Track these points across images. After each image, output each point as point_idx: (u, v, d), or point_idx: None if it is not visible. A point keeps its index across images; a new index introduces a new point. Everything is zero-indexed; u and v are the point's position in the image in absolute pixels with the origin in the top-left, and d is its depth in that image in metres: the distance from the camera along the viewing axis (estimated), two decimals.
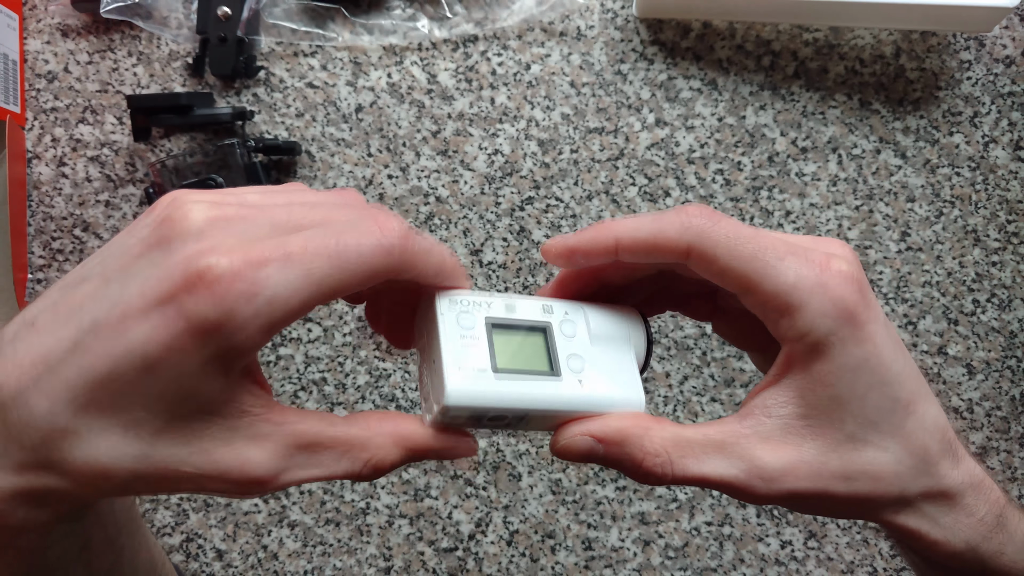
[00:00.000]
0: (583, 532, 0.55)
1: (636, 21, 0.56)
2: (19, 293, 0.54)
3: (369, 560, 0.56)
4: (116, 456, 0.21)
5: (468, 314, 0.27)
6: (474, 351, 0.26)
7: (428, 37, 0.56)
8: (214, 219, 0.22)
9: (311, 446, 0.24)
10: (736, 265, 0.25)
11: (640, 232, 0.26)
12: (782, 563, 0.55)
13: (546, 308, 0.28)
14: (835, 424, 0.25)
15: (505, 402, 0.26)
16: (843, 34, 0.56)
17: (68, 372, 0.21)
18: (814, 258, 0.25)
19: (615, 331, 0.29)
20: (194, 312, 0.20)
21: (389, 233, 0.23)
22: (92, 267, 0.23)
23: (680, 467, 0.26)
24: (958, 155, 0.56)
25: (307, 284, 0.22)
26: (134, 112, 0.53)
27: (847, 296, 0.25)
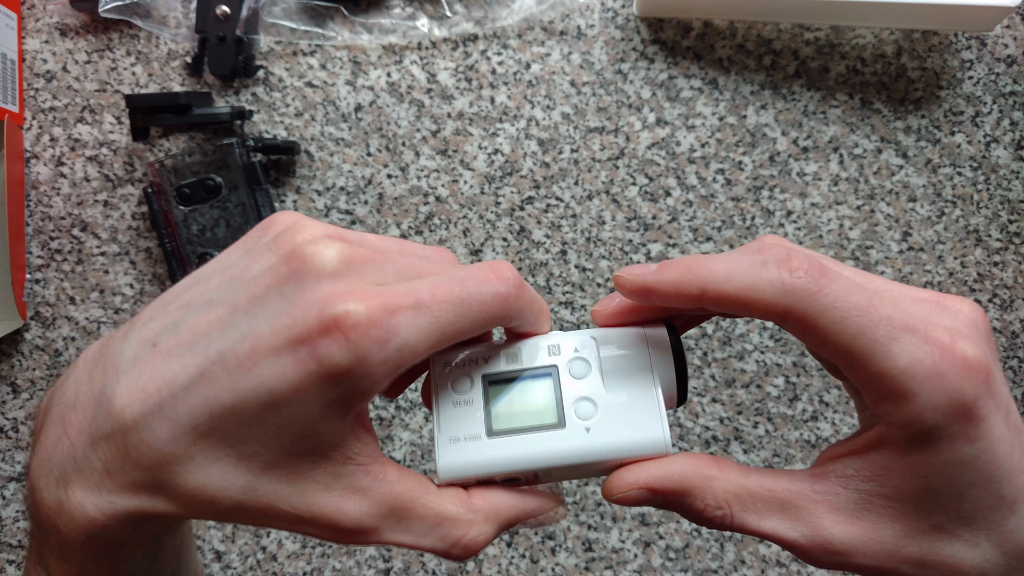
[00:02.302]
0: (583, 533, 0.55)
1: (637, 20, 0.56)
2: (17, 293, 0.54)
3: (368, 561, 0.55)
4: (224, 486, 0.22)
5: (465, 376, 0.26)
6: (468, 417, 0.25)
7: (428, 36, 0.56)
8: (347, 260, 0.22)
9: (404, 510, 0.24)
10: (841, 341, 0.22)
11: (731, 286, 0.23)
12: (783, 564, 0.55)
13: (552, 349, 0.26)
14: (921, 514, 0.23)
15: (501, 465, 0.25)
16: (844, 33, 0.56)
17: (192, 401, 0.21)
18: (935, 336, 0.22)
19: (634, 363, 0.26)
20: (327, 356, 0.20)
21: (505, 283, 0.23)
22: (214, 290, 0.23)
23: (739, 520, 0.24)
24: (959, 155, 0.56)
25: (434, 331, 0.22)
26: (133, 112, 0.53)
27: (966, 389, 0.21)
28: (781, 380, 0.55)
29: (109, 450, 0.22)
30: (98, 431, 0.22)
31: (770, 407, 0.55)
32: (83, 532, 0.22)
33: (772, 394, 0.56)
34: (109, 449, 0.22)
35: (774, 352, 0.55)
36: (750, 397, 0.55)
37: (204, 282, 0.24)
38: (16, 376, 0.56)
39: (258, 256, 0.23)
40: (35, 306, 0.56)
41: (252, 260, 0.23)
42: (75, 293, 0.56)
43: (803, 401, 0.55)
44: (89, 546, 0.23)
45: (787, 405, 0.56)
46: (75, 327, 0.56)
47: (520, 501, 0.26)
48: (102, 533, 0.22)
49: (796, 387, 0.55)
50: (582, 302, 0.56)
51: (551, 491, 0.27)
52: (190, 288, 0.24)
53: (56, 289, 0.56)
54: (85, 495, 0.22)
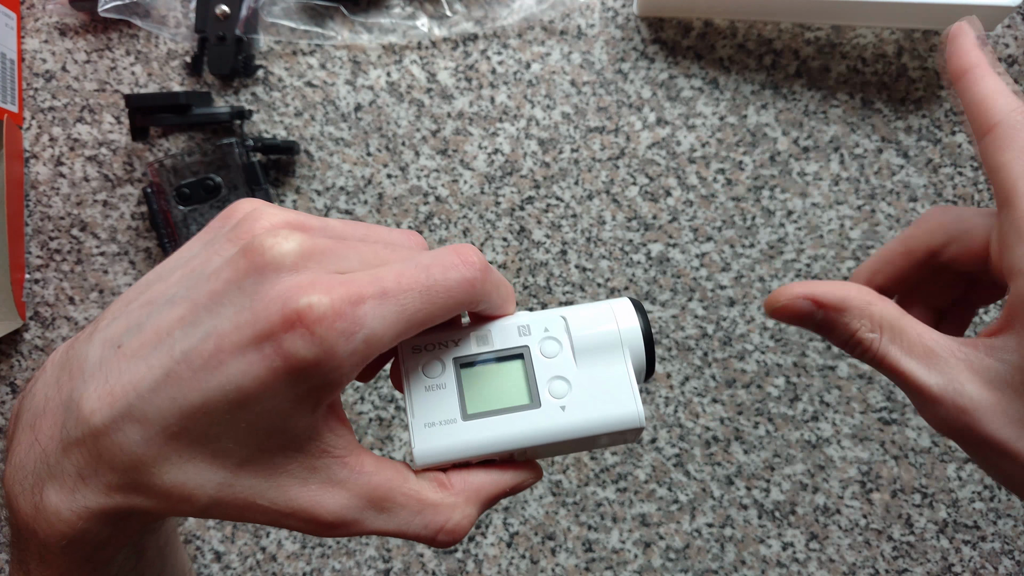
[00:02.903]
0: (583, 534, 0.55)
1: (637, 20, 0.56)
2: (16, 293, 0.54)
3: (368, 562, 0.55)
4: (200, 483, 0.22)
5: (436, 360, 0.26)
6: (441, 401, 0.25)
7: (428, 36, 0.56)
8: (307, 251, 0.22)
9: (384, 500, 0.24)
10: None
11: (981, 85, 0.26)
12: (783, 565, 0.55)
13: (522, 329, 0.26)
14: None
15: (479, 448, 0.25)
16: (845, 33, 0.56)
17: (160, 402, 0.21)
18: None
19: (604, 339, 0.26)
20: (292, 351, 0.20)
21: (471, 267, 0.23)
22: (175, 286, 0.23)
23: (884, 349, 0.25)
24: (960, 154, 0.56)
25: (401, 319, 0.22)
26: (132, 111, 0.53)
27: None
28: (782, 380, 0.55)
29: (81, 455, 0.22)
30: (68, 437, 0.22)
31: (771, 407, 0.55)
32: (62, 536, 0.22)
33: (773, 394, 0.55)
34: (81, 454, 0.22)
35: (775, 352, 0.55)
36: (750, 397, 0.55)
37: (167, 277, 0.23)
38: (15, 376, 0.56)
39: (218, 248, 0.23)
40: (34, 306, 0.56)
41: (212, 252, 0.23)
42: (74, 293, 0.56)
43: (804, 401, 0.55)
44: (69, 550, 0.23)
45: (787, 405, 0.55)
46: (74, 327, 0.56)
47: (498, 477, 0.26)
48: (81, 536, 0.22)
49: (797, 387, 0.55)
50: (582, 302, 0.56)
51: None
52: (152, 284, 0.24)
53: (55, 289, 0.56)
54: (60, 500, 0.22)
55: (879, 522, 0.55)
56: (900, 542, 0.55)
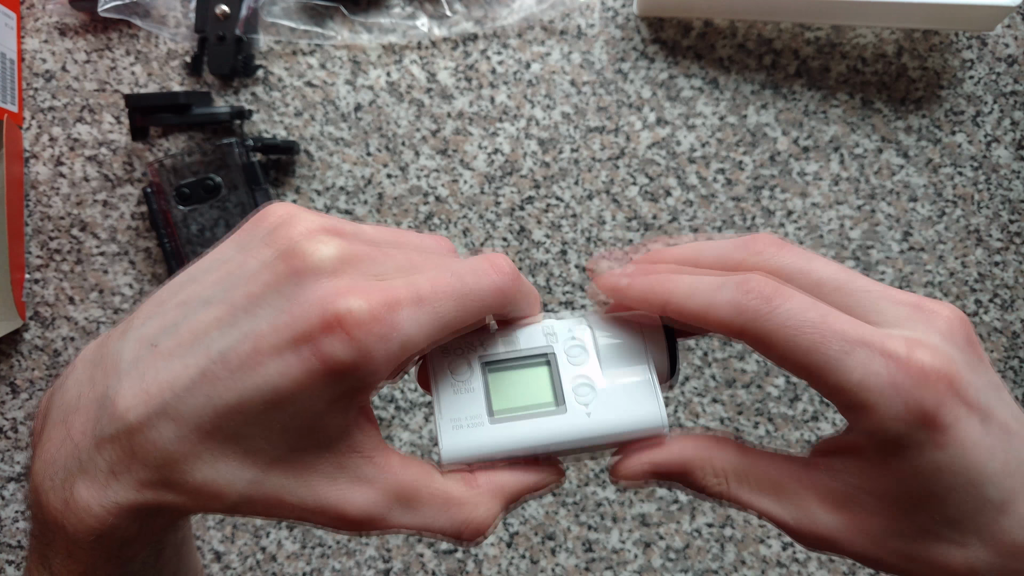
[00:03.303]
0: (583, 534, 0.55)
1: (637, 19, 0.56)
2: (16, 293, 0.54)
3: (368, 562, 0.55)
4: (231, 480, 0.22)
5: (462, 361, 0.26)
6: (468, 401, 0.25)
7: (427, 36, 0.56)
8: (345, 257, 0.22)
9: (411, 497, 0.24)
10: (795, 357, 0.23)
11: (692, 302, 0.24)
12: (784, 565, 0.55)
13: (548, 332, 0.26)
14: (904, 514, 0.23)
15: (505, 448, 0.25)
16: (845, 33, 0.56)
17: (195, 401, 0.21)
18: (891, 348, 0.22)
19: (630, 348, 0.27)
20: (330, 354, 0.21)
21: (503, 275, 0.24)
22: (210, 288, 0.23)
23: (735, 493, 0.26)
24: (960, 154, 0.56)
25: (435, 324, 0.22)
26: (132, 111, 0.53)
27: (926, 397, 0.21)
28: (782, 380, 0.55)
29: (114, 451, 0.22)
30: (102, 433, 0.22)
31: (770, 407, 0.55)
32: (91, 532, 0.22)
33: (772, 394, 0.55)
34: (114, 450, 0.22)
35: None
36: (751, 397, 0.55)
37: (201, 279, 0.24)
38: (15, 376, 0.56)
39: (254, 252, 0.23)
40: (34, 306, 0.56)
41: (248, 256, 0.23)
42: (74, 293, 0.56)
43: (803, 401, 0.55)
44: (98, 545, 0.23)
45: (787, 405, 0.55)
46: (74, 327, 0.56)
47: (522, 477, 0.26)
48: (111, 532, 0.22)
49: (796, 387, 0.55)
50: (582, 302, 0.56)
51: None
52: (186, 285, 0.24)
53: (55, 289, 0.56)
54: (92, 495, 0.22)
55: None
56: None
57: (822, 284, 0.24)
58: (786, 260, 0.25)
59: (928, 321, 0.23)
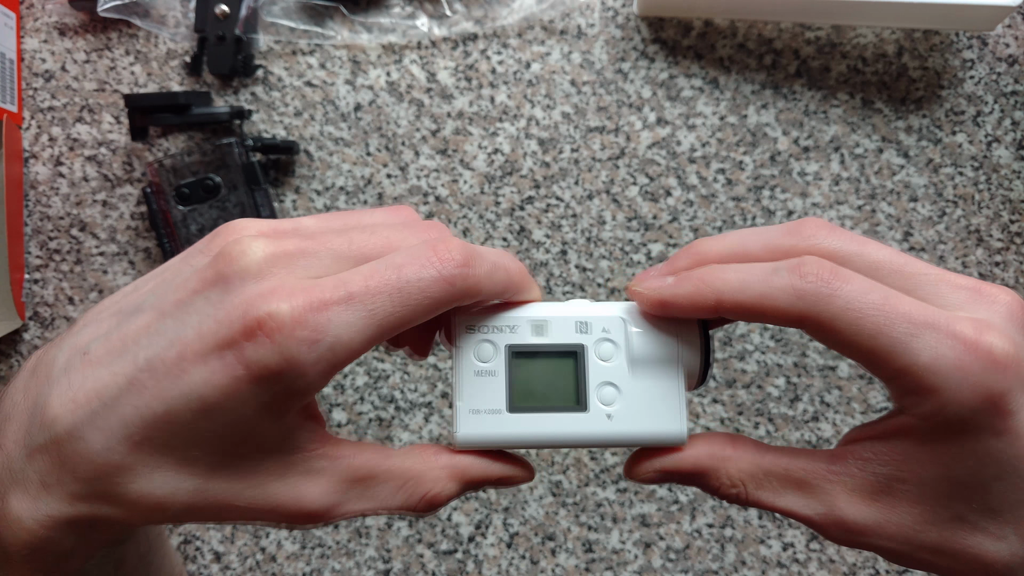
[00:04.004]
0: (583, 534, 0.55)
1: (637, 19, 0.56)
2: (16, 293, 0.54)
3: (368, 562, 0.55)
4: (171, 491, 0.21)
5: (488, 343, 0.25)
6: (489, 388, 0.25)
7: (427, 35, 0.56)
8: (273, 256, 0.21)
9: (366, 479, 0.23)
10: (859, 341, 0.22)
11: (745, 295, 0.23)
12: (784, 565, 0.55)
13: (581, 326, 0.25)
14: (941, 501, 0.23)
15: (521, 439, 0.25)
16: (845, 33, 0.56)
17: (123, 410, 0.21)
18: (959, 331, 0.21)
19: (662, 352, 0.25)
20: (254, 360, 0.20)
21: (448, 263, 0.22)
22: (146, 295, 0.23)
23: (755, 497, 0.25)
24: (961, 154, 0.56)
25: (369, 325, 0.21)
26: (132, 111, 0.53)
27: (994, 382, 0.21)
28: (782, 381, 0.55)
29: (45, 461, 0.21)
30: (33, 442, 0.21)
31: (771, 408, 0.55)
32: (24, 545, 0.22)
33: (773, 395, 0.55)
34: (45, 460, 0.21)
35: (775, 352, 0.55)
36: (751, 398, 0.55)
37: (140, 287, 0.23)
38: None
39: (191, 260, 0.23)
40: (34, 306, 0.56)
41: (185, 264, 0.23)
42: (74, 293, 0.56)
43: (804, 402, 0.55)
44: (32, 558, 0.22)
45: (788, 406, 0.55)
46: None
47: (489, 467, 0.25)
48: (44, 545, 0.22)
49: (797, 388, 0.55)
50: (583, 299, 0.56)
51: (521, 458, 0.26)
52: (128, 295, 0.24)
53: (55, 289, 0.56)
54: (22, 507, 0.21)
55: None
56: None
57: (879, 267, 0.24)
58: (840, 243, 0.24)
59: (989, 305, 0.23)
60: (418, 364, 0.55)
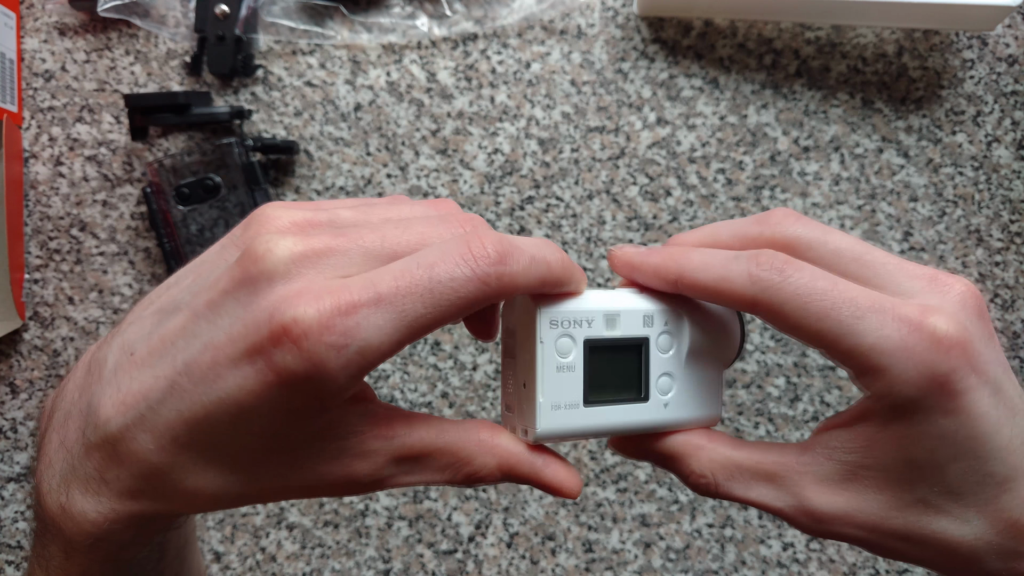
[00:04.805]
0: (584, 534, 0.55)
1: (637, 19, 0.56)
2: (16, 293, 0.54)
3: (368, 562, 0.55)
4: (223, 484, 0.22)
5: (568, 337, 0.25)
6: (568, 383, 0.25)
7: (427, 35, 0.56)
8: (301, 256, 0.21)
9: (418, 457, 0.24)
10: (807, 324, 0.23)
11: (705, 274, 0.24)
12: (784, 565, 0.55)
13: (647, 319, 0.27)
14: (905, 486, 0.23)
15: (589, 431, 0.26)
16: (845, 33, 0.56)
17: (168, 414, 0.21)
18: (904, 313, 0.22)
19: (708, 341, 0.27)
20: (283, 366, 0.20)
21: (482, 261, 0.21)
22: (183, 292, 0.23)
23: (725, 488, 0.26)
24: (961, 154, 0.56)
25: (400, 327, 0.21)
26: (132, 111, 0.53)
27: (939, 362, 0.22)
28: (782, 380, 0.55)
29: (101, 459, 0.22)
30: (89, 440, 0.22)
31: (771, 407, 0.55)
32: (88, 536, 0.22)
33: (773, 394, 0.55)
34: (101, 458, 0.22)
35: (775, 352, 0.55)
36: (751, 398, 0.55)
37: (180, 282, 0.24)
38: (15, 376, 0.56)
39: (225, 253, 0.23)
40: (34, 306, 0.56)
41: (219, 257, 0.23)
42: (74, 293, 0.56)
43: (804, 402, 0.55)
44: (94, 548, 0.23)
45: (788, 406, 0.55)
46: (74, 327, 0.56)
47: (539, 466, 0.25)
48: (107, 536, 0.22)
49: (797, 387, 0.55)
50: None
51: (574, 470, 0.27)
52: (170, 287, 0.24)
53: (55, 289, 0.56)
54: (86, 501, 0.22)
55: None
56: None
57: (840, 254, 0.25)
58: (803, 231, 0.25)
59: (943, 292, 0.23)
60: (418, 364, 0.55)
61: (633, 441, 0.28)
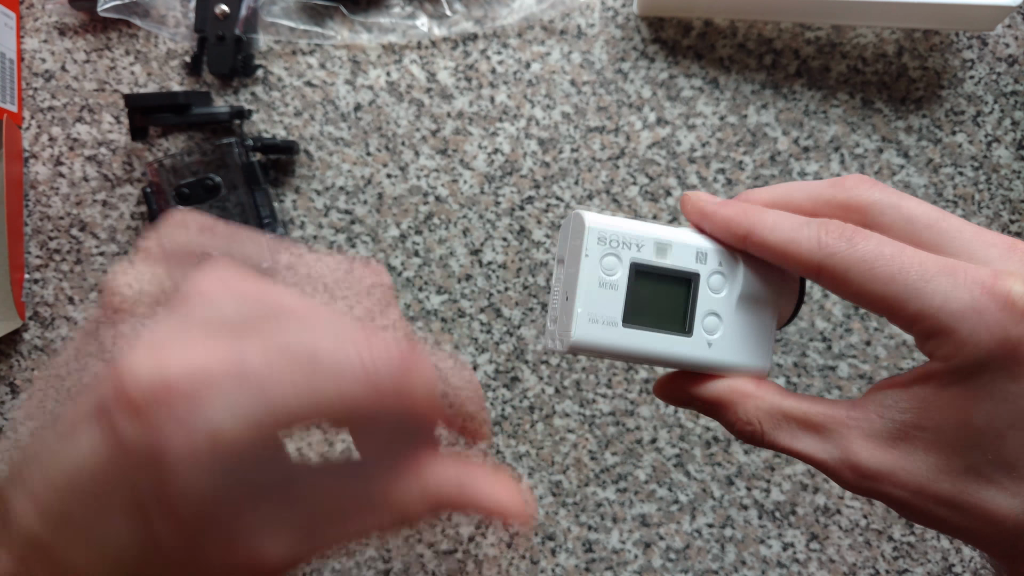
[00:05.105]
0: (583, 534, 0.55)
1: (637, 19, 0.56)
2: (16, 293, 0.54)
3: (368, 562, 0.55)
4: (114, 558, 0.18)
5: (614, 255, 0.26)
6: (609, 300, 0.26)
7: (427, 35, 0.56)
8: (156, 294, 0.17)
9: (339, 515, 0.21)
10: (873, 289, 0.23)
11: (774, 235, 0.24)
12: (784, 565, 0.55)
13: (700, 255, 0.27)
14: (957, 451, 0.23)
15: (626, 353, 0.26)
16: (845, 33, 0.56)
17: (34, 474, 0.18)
18: (976, 276, 0.22)
19: (764, 293, 0.27)
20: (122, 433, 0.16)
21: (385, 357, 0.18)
22: None
23: (771, 437, 0.25)
24: (961, 154, 0.56)
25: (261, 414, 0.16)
26: (131, 111, 0.53)
27: (1011, 326, 0.21)
28: (782, 380, 0.55)
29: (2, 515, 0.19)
30: None
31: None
32: None
33: None
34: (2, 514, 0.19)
35: (775, 352, 0.55)
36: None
37: None
38: (15, 376, 0.56)
39: None
40: (34, 306, 0.56)
41: None
42: (74, 293, 0.56)
43: None
44: None
45: None
46: (74, 327, 0.56)
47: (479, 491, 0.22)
48: None
49: (797, 387, 0.55)
50: None
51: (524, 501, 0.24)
52: None
53: (55, 289, 0.56)
54: None
55: (879, 522, 0.55)
56: (900, 542, 0.55)
57: (914, 221, 0.24)
58: (878, 195, 0.25)
59: (1022, 259, 0.23)
60: None
61: (677, 385, 0.27)
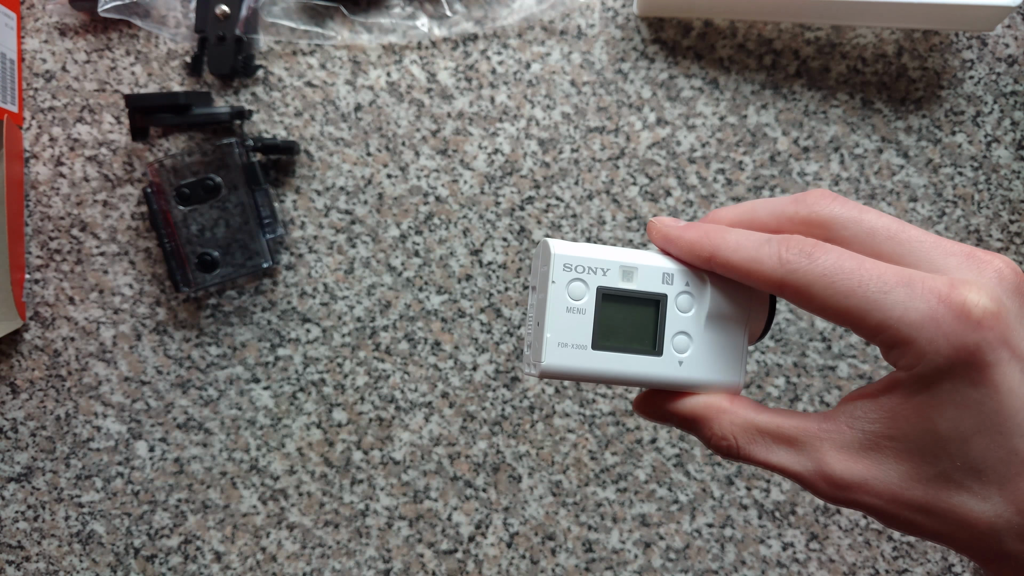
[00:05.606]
0: (584, 534, 0.55)
1: (637, 20, 0.56)
2: (16, 293, 0.54)
3: (368, 562, 0.55)
4: None
5: (581, 281, 0.27)
6: (578, 325, 0.26)
7: (427, 36, 0.56)
8: None
9: None
10: (835, 302, 0.23)
11: (738, 255, 0.25)
12: (784, 565, 0.55)
13: (667, 277, 0.27)
14: (927, 458, 0.23)
15: (598, 375, 0.27)
16: (845, 33, 0.56)
17: None
18: (933, 286, 0.22)
19: (733, 311, 0.28)
20: None
21: None
22: None
23: (746, 451, 0.26)
24: (960, 155, 0.56)
25: None
26: (132, 111, 0.53)
27: (967, 335, 0.22)
28: (782, 380, 0.55)
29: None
30: None
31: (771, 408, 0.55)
32: None
33: (773, 394, 0.55)
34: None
35: (775, 352, 0.55)
36: (751, 398, 0.55)
37: None
38: (15, 376, 0.56)
39: None
40: (34, 306, 0.56)
41: None
42: (74, 293, 0.56)
43: (804, 402, 0.55)
44: None
45: (788, 406, 0.55)
46: (74, 327, 0.56)
47: None
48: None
49: (797, 387, 0.55)
50: None
51: None
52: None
53: (55, 289, 0.56)
54: None
55: (879, 522, 0.55)
56: (900, 542, 0.55)
57: (875, 233, 0.25)
58: (839, 210, 0.26)
59: (979, 269, 0.23)
60: (419, 364, 0.55)
61: (654, 402, 0.28)
